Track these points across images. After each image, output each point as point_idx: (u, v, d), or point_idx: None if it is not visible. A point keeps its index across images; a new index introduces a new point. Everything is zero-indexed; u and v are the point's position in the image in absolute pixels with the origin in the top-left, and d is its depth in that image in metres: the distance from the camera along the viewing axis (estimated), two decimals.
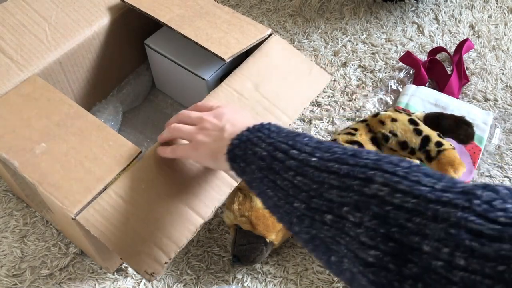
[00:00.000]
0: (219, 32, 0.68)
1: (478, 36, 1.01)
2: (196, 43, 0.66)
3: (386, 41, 1.00)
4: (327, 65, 0.95)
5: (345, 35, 1.00)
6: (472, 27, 1.03)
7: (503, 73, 0.95)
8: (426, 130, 0.67)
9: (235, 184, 0.58)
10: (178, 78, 0.78)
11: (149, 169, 0.56)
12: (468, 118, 0.70)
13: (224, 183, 0.58)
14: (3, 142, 0.56)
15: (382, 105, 0.90)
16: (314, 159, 0.36)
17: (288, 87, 0.68)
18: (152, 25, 0.75)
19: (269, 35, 0.70)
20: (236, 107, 0.56)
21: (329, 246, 0.33)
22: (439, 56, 0.97)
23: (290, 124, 0.65)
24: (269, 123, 0.45)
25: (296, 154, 0.37)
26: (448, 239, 0.26)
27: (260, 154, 0.40)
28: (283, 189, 0.37)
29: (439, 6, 1.07)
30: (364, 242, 0.30)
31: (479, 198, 0.27)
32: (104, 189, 0.53)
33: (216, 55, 0.64)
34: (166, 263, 0.52)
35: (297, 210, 0.36)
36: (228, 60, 0.64)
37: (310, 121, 0.86)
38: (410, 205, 0.29)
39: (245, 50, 0.67)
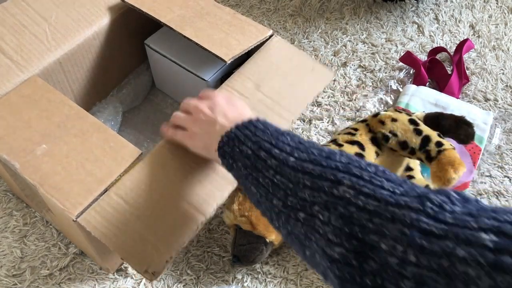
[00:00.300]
0: (220, 33, 0.68)
1: (478, 36, 1.01)
2: (197, 44, 0.66)
3: (386, 41, 1.00)
4: (327, 65, 0.95)
5: (345, 35, 1.00)
6: (472, 27, 1.03)
7: (503, 73, 0.95)
8: (426, 130, 0.67)
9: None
10: (179, 78, 0.78)
11: (150, 170, 0.56)
12: (468, 118, 0.70)
13: (226, 181, 0.58)
14: (4, 143, 0.56)
15: (382, 105, 0.90)
16: (292, 159, 0.39)
17: (290, 85, 0.67)
18: (152, 25, 0.75)
19: (270, 36, 0.70)
20: (232, 96, 0.58)
21: (303, 242, 0.36)
22: (439, 56, 0.97)
23: (292, 120, 0.65)
24: (257, 120, 0.47)
25: (277, 154, 0.41)
26: (402, 238, 0.29)
27: (246, 152, 0.43)
28: (264, 187, 0.40)
29: (439, 6, 1.07)
30: (331, 239, 0.33)
31: (432, 201, 0.30)
32: (105, 190, 0.53)
33: (217, 57, 0.64)
34: (167, 261, 0.52)
35: (276, 207, 0.39)
36: (229, 62, 0.64)
37: (310, 121, 0.86)
38: (372, 207, 0.32)
39: (246, 51, 0.67)
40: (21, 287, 0.67)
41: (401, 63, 0.95)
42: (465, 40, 0.95)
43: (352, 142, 0.68)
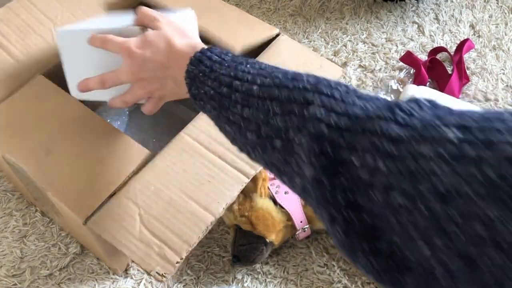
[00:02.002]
0: (228, 26, 0.68)
1: (479, 36, 1.01)
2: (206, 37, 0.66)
3: (386, 41, 1.00)
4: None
5: (345, 35, 1.00)
6: (472, 27, 1.03)
7: (503, 73, 0.95)
8: None
9: (247, 180, 0.58)
10: None
11: (158, 171, 0.56)
12: None
13: (235, 180, 0.58)
14: (12, 145, 0.55)
15: None
16: (256, 87, 0.37)
17: None
18: None
19: (277, 35, 0.70)
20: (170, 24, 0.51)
21: (280, 168, 0.36)
22: (439, 56, 0.97)
23: None
24: (211, 49, 0.44)
25: (239, 86, 0.39)
26: (372, 149, 0.28)
27: (209, 93, 0.41)
28: (236, 123, 0.39)
29: (439, 6, 1.07)
30: (304, 160, 0.32)
31: (401, 109, 0.29)
32: (114, 193, 0.53)
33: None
34: (177, 262, 0.52)
35: (251, 141, 0.38)
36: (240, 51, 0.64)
37: None
38: (343, 125, 0.31)
39: (255, 47, 0.67)
40: (21, 287, 0.67)
41: (401, 63, 0.94)
42: (466, 40, 0.95)
43: None
